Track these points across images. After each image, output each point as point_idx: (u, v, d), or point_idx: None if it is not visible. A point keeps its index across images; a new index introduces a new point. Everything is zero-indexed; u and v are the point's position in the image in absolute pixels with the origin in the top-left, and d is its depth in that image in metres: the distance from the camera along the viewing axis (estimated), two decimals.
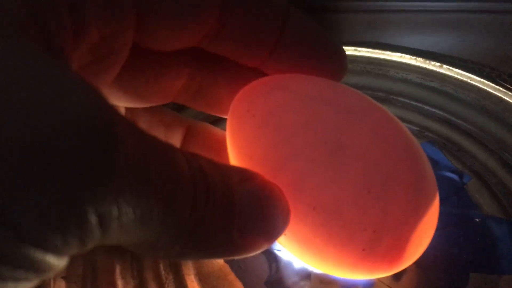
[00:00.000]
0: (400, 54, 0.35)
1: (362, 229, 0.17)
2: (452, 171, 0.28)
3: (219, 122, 0.29)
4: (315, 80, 0.20)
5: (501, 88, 0.31)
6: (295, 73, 0.20)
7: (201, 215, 0.13)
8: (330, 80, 0.20)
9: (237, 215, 0.15)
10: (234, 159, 0.20)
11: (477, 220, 0.25)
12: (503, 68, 0.32)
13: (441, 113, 0.32)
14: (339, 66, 0.21)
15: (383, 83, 0.33)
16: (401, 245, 0.18)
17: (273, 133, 0.18)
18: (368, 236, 0.17)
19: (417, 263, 0.20)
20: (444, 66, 0.33)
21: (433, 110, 0.32)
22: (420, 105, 0.32)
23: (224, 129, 0.21)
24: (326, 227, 0.17)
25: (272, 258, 0.26)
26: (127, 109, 0.22)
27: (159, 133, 0.24)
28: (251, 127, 0.19)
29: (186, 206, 0.13)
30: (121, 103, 0.21)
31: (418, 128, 0.31)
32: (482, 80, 0.32)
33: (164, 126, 0.24)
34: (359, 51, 0.36)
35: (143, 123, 0.23)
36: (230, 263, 0.26)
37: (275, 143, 0.18)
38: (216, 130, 0.25)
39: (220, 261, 0.26)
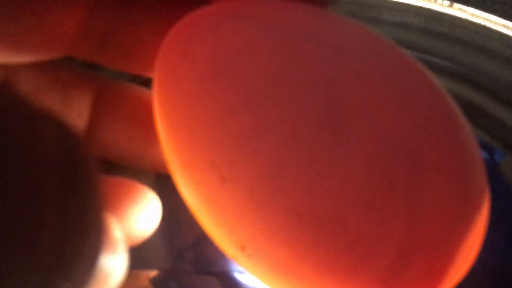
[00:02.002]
0: None
1: (381, 249, 0.13)
2: (479, 147, 0.23)
3: (147, 83, 0.23)
4: (290, 6, 0.15)
5: None
6: None
7: None
8: (313, 8, 0.16)
9: None
10: (165, 134, 0.16)
11: None
12: None
13: (455, 67, 0.28)
14: None
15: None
16: (439, 271, 0.13)
17: (226, 91, 0.14)
18: (390, 260, 0.13)
19: None
20: (455, 5, 0.29)
21: (444, 63, 0.28)
22: (426, 57, 0.28)
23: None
24: (319, 247, 0.13)
25: (227, 283, 0.21)
26: None
27: (54, 98, 0.19)
28: (190, 81, 0.14)
29: None
30: None
31: None
32: (506, 23, 0.28)
33: (62, 86, 0.19)
34: None
35: (27, 84, 0.18)
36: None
37: (231, 106, 0.13)
38: (140, 90, 0.20)
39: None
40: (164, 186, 0.22)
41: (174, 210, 0.20)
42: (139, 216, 0.17)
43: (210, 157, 0.13)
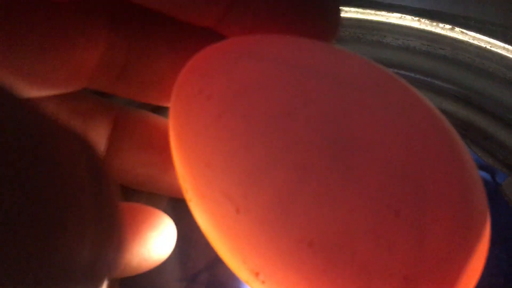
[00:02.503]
0: (399, 15, 0.30)
1: (388, 275, 0.13)
2: (481, 168, 0.24)
3: (161, 110, 0.24)
4: (299, 42, 0.16)
5: None
6: (266, 34, 0.16)
7: None
8: (320, 42, 0.16)
9: None
10: (181, 165, 0.16)
11: None
12: None
13: (456, 89, 0.27)
14: (329, 19, 0.17)
15: (379, 52, 0.29)
16: None
17: (240, 126, 0.14)
18: (396, 285, 0.13)
19: None
20: (456, 28, 0.29)
21: (446, 85, 0.28)
22: (428, 79, 0.28)
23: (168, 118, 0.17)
24: (329, 273, 0.13)
25: None
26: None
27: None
28: (206, 116, 0.15)
29: None
30: None
31: None
32: (505, 46, 0.28)
33: (80, 116, 0.19)
34: (346, 11, 0.31)
35: None
36: None
37: (245, 140, 0.14)
38: (157, 119, 0.21)
39: None
40: (178, 209, 0.22)
41: (188, 233, 0.21)
42: (156, 240, 0.18)
43: (225, 189, 0.14)
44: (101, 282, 0.10)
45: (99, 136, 0.19)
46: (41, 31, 0.15)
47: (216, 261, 0.21)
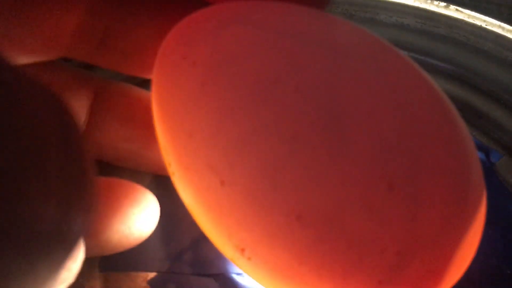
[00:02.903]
0: None
1: (380, 250, 0.12)
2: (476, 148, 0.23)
3: (146, 84, 0.23)
4: (289, 8, 0.15)
5: None
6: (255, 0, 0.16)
7: None
8: (311, 9, 0.16)
9: None
10: (163, 136, 0.15)
11: None
12: None
13: (451, 67, 0.27)
14: None
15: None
16: (437, 272, 0.13)
17: (226, 94, 0.13)
18: (389, 261, 0.13)
19: None
20: (451, 6, 0.29)
21: (441, 64, 0.27)
22: (422, 58, 0.28)
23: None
24: (318, 249, 0.13)
25: (226, 285, 0.20)
26: None
27: None
28: (190, 83, 0.14)
29: None
30: None
31: None
32: (501, 24, 0.28)
33: (59, 87, 0.19)
34: None
35: None
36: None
37: (230, 109, 0.13)
38: (137, 91, 0.20)
39: None
40: (162, 187, 0.21)
41: (172, 211, 0.20)
42: (138, 217, 0.17)
43: (209, 160, 0.13)
44: (70, 247, 0.10)
45: (78, 108, 0.19)
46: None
47: (200, 240, 0.20)
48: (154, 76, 0.15)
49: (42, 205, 0.09)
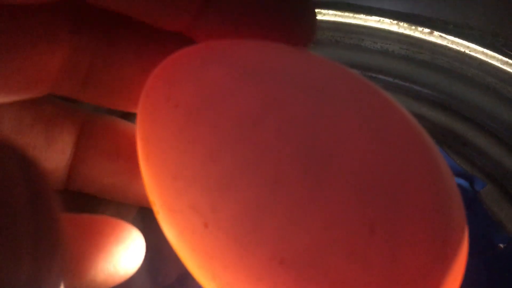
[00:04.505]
0: (377, 18, 0.30)
1: None
2: (459, 175, 0.23)
3: (130, 115, 0.23)
4: (271, 47, 0.16)
5: (509, 61, 0.27)
6: (238, 39, 0.16)
7: None
8: (293, 48, 0.16)
9: None
10: (148, 176, 0.15)
11: (502, 245, 0.20)
12: (510, 35, 0.28)
13: (435, 94, 0.27)
14: (304, 24, 0.16)
15: (357, 56, 0.29)
16: None
17: (207, 135, 0.13)
18: None
19: None
20: (435, 33, 0.29)
21: (424, 91, 0.28)
22: (406, 84, 0.28)
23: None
24: None
25: None
26: None
27: (37, 135, 0.18)
28: (173, 125, 0.14)
29: None
30: None
31: None
32: (484, 50, 0.28)
33: (44, 123, 0.19)
34: (324, 14, 0.30)
35: (8, 123, 0.18)
36: None
37: (213, 152, 0.13)
38: (125, 125, 0.20)
39: None
40: (148, 219, 0.21)
41: (159, 244, 0.20)
42: (123, 254, 0.17)
43: (193, 202, 0.13)
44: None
45: (64, 143, 0.19)
46: None
47: (187, 275, 0.20)
48: (138, 115, 0.15)
49: (14, 267, 0.09)
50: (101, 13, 0.16)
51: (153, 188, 0.15)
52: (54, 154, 0.18)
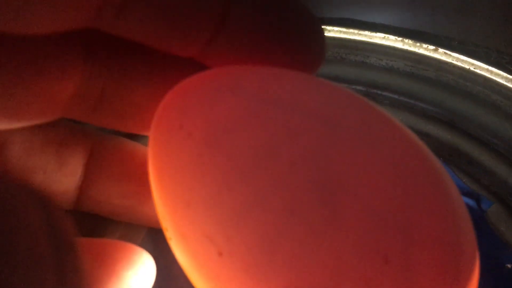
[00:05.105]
0: (382, 35, 0.30)
1: None
2: (465, 194, 0.23)
3: (137, 136, 0.23)
4: (282, 75, 0.16)
5: None
6: (250, 65, 0.16)
7: None
8: (303, 74, 0.16)
9: None
10: (160, 203, 0.15)
11: (509, 265, 0.20)
12: None
13: (440, 111, 0.27)
14: (314, 51, 0.16)
15: (362, 73, 0.29)
16: None
17: (222, 165, 0.13)
18: None
19: None
20: (440, 50, 0.29)
21: (429, 108, 0.27)
22: (411, 101, 0.28)
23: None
24: None
25: None
26: None
27: (48, 157, 0.18)
28: (186, 154, 0.14)
29: None
30: None
31: None
32: (489, 67, 0.28)
33: (55, 145, 0.19)
34: (329, 31, 0.30)
35: (20, 146, 0.18)
36: None
37: (226, 180, 0.13)
38: (134, 147, 0.20)
39: None
40: (157, 240, 0.21)
41: (168, 266, 0.20)
42: (134, 278, 0.17)
43: (207, 231, 0.13)
44: None
45: (74, 166, 0.19)
46: (12, 65, 0.14)
47: None
48: (150, 142, 0.16)
49: None
50: (113, 39, 0.16)
51: (166, 215, 0.15)
52: (64, 176, 0.18)
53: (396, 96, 0.28)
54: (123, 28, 0.14)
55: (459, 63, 0.28)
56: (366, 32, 0.30)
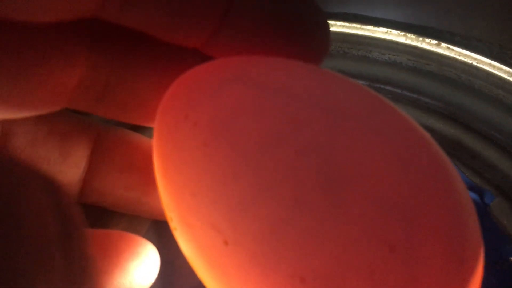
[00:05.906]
0: (385, 29, 0.30)
1: None
2: (468, 188, 0.23)
3: (140, 127, 0.23)
4: (287, 65, 0.16)
5: None
6: (255, 56, 0.16)
7: None
8: (308, 65, 0.16)
9: None
10: (165, 193, 0.15)
11: None
12: None
13: (443, 106, 0.27)
14: (319, 41, 0.16)
15: (365, 67, 0.28)
16: None
17: (227, 155, 0.14)
18: None
19: None
20: (443, 44, 0.29)
21: (432, 102, 0.27)
22: (414, 96, 0.28)
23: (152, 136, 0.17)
24: None
25: None
26: None
27: (52, 148, 0.18)
28: (191, 144, 0.14)
29: None
30: None
31: None
32: (491, 62, 0.28)
33: (59, 137, 0.18)
34: (332, 25, 0.30)
35: (23, 137, 0.17)
36: None
37: (232, 170, 0.13)
38: (139, 138, 0.20)
39: None
40: (161, 231, 0.21)
41: (172, 257, 0.20)
42: (138, 270, 0.17)
43: (212, 220, 0.13)
44: None
45: (78, 157, 0.19)
46: (17, 54, 0.14)
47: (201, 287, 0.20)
48: (155, 132, 0.16)
49: None
50: (117, 29, 0.16)
51: (171, 204, 0.15)
52: (68, 167, 0.18)
53: (398, 91, 0.28)
54: (128, 18, 0.14)
55: (461, 58, 0.28)
56: (369, 27, 0.30)
